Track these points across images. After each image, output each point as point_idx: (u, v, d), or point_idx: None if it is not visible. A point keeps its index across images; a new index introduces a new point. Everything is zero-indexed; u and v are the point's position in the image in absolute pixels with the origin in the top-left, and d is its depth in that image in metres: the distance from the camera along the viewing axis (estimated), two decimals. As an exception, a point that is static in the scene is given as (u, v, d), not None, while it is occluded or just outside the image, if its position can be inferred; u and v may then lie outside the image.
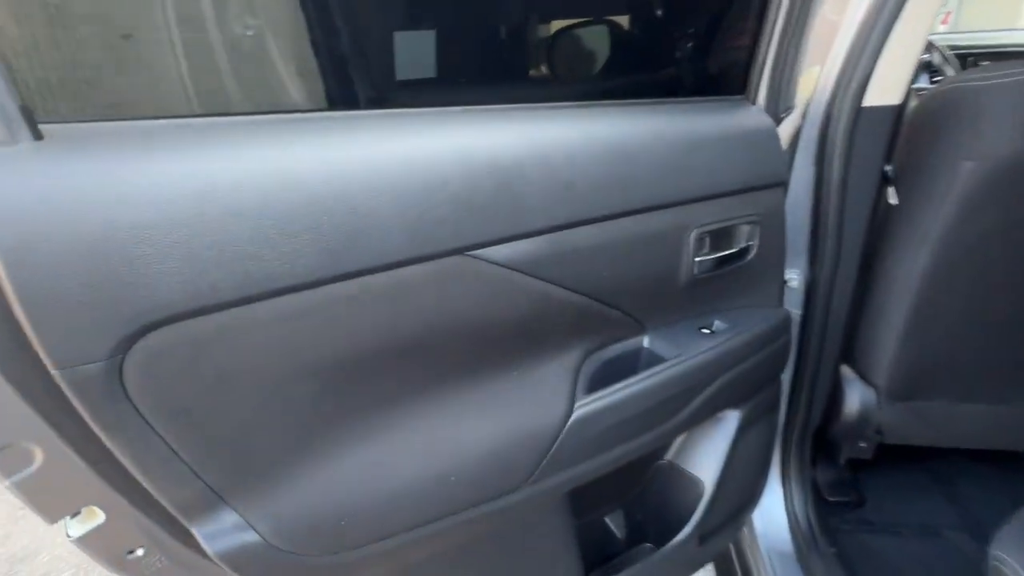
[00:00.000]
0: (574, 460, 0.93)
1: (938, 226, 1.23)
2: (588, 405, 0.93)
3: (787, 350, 1.25)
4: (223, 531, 0.69)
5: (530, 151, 0.81)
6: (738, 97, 1.12)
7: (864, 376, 1.55)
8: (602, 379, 0.98)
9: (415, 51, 0.86)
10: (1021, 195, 1.17)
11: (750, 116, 1.08)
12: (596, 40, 1.06)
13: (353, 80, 0.84)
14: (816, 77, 1.20)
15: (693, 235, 1.00)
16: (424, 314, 0.76)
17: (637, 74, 1.04)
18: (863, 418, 1.56)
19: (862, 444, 1.64)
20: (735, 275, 1.12)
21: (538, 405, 0.90)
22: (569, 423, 0.90)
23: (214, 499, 0.68)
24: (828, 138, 1.20)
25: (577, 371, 0.96)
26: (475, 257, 0.78)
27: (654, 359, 1.05)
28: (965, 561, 1.51)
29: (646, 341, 1.06)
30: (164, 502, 0.66)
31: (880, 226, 1.39)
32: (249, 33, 0.74)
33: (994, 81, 1.12)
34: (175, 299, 0.59)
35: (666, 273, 1.01)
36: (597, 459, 0.95)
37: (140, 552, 0.71)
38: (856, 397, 1.54)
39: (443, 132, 0.78)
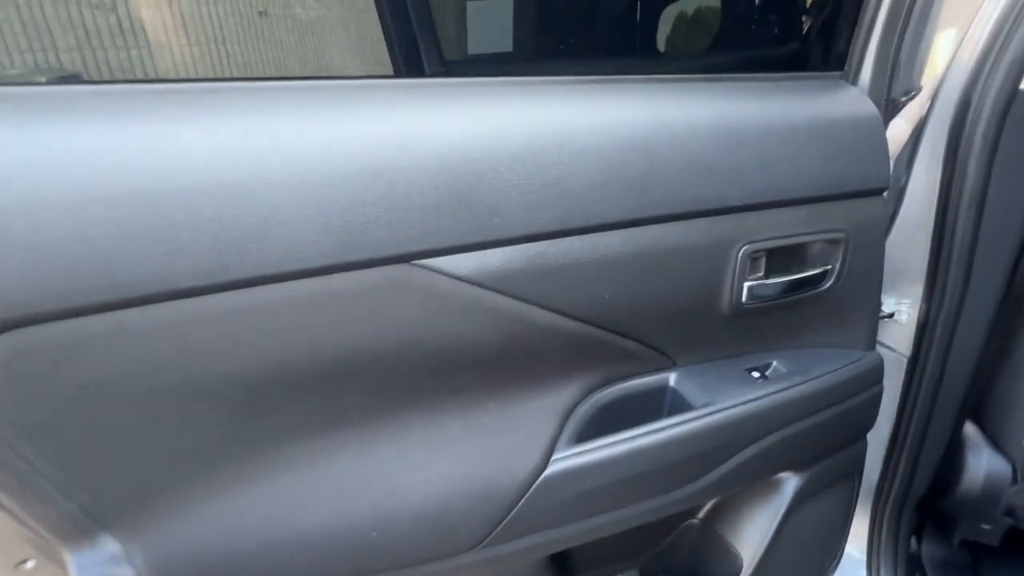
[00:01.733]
0: (545, 524, 0.75)
1: None
2: (571, 458, 0.74)
3: (875, 405, 0.97)
4: (97, 561, 0.60)
5: (502, 136, 0.64)
6: (832, 74, 0.86)
7: (996, 442, 1.20)
8: (605, 424, 0.79)
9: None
10: None
11: (844, 99, 0.82)
12: None
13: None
14: (953, 48, 0.90)
15: (740, 252, 0.77)
16: (354, 332, 0.62)
17: (666, 42, 0.82)
18: (990, 495, 1.21)
19: (985, 526, 1.28)
20: (806, 306, 0.87)
21: (508, 452, 0.73)
22: (541, 478, 0.73)
23: (89, 523, 0.60)
24: (964, 132, 0.89)
25: (567, 413, 0.78)
26: (424, 267, 0.63)
27: (679, 404, 0.83)
28: None
29: (672, 380, 0.85)
30: (33, 522, 0.59)
31: None
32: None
33: None
34: (33, 298, 0.50)
35: (699, 299, 0.79)
36: (577, 525, 0.77)
37: (30, 564, 0.65)
38: (981, 467, 1.20)
39: (379, 108, 0.63)
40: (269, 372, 0.60)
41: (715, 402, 0.82)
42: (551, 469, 0.73)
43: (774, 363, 0.89)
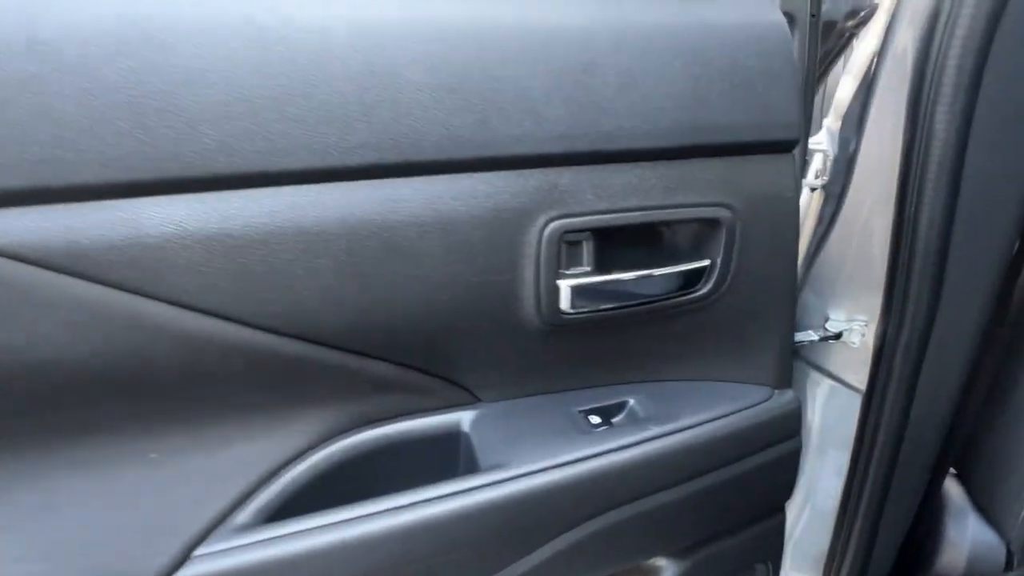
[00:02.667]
0: None
1: None
2: (252, 548, 0.46)
3: (791, 466, 0.67)
4: None
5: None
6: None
7: (985, 511, 0.90)
8: (343, 490, 0.51)
9: None
10: None
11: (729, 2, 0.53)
12: None
13: None
14: None
15: (547, 231, 0.49)
16: None
17: None
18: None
19: None
20: (676, 319, 0.58)
21: (145, 536, 0.46)
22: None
23: None
24: (930, 71, 0.60)
25: (269, 473, 0.50)
26: None
27: (474, 460, 0.55)
28: None
29: (467, 423, 0.57)
30: None
31: None
32: None
33: None
34: None
35: (491, 301, 0.51)
36: None
37: None
38: (965, 542, 0.90)
39: None
40: None
41: (526, 459, 0.53)
42: (197, 565, 0.45)
43: (630, 402, 0.60)
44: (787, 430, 0.63)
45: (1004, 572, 0.88)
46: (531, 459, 0.53)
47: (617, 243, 0.53)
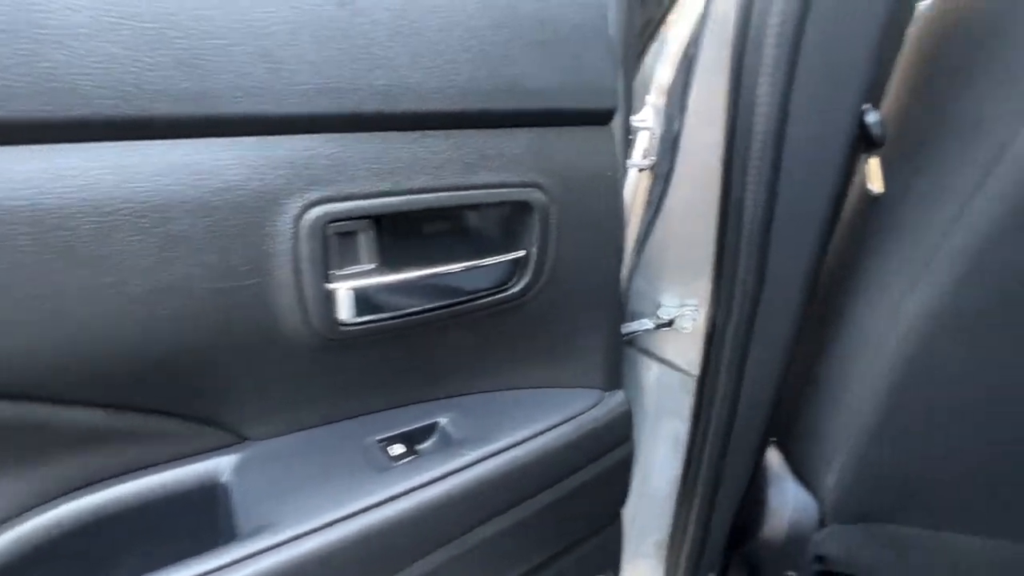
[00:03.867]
0: None
1: (961, 239, 0.59)
2: None
3: (624, 472, 0.62)
4: None
5: None
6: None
7: (801, 476, 0.94)
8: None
9: None
10: None
11: None
12: None
13: None
14: None
15: (307, 218, 0.37)
16: None
17: None
18: (796, 539, 0.95)
19: (791, 574, 1.03)
20: (487, 322, 0.49)
21: None
22: None
23: None
24: (750, 36, 0.56)
25: None
26: None
27: (230, 525, 0.42)
28: None
29: (229, 471, 0.43)
30: None
31: (850, 233, 0.76)
32: None
33: None
34: None
35: (245, 311, 0.38)
36: None
37: None
38: (787, 506, 0.93)
39: None
40: None
41: (304, 514, 0.41)
42: None
43: (440, 423, 0.50)
44: (619, 435, 0.58)
45: (818, 530, 0.92)
46: (311, 513, 0.41)
47: (408, 233, 0.42)
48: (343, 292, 0.40)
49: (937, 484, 0.86)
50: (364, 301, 0.41)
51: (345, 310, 0.40)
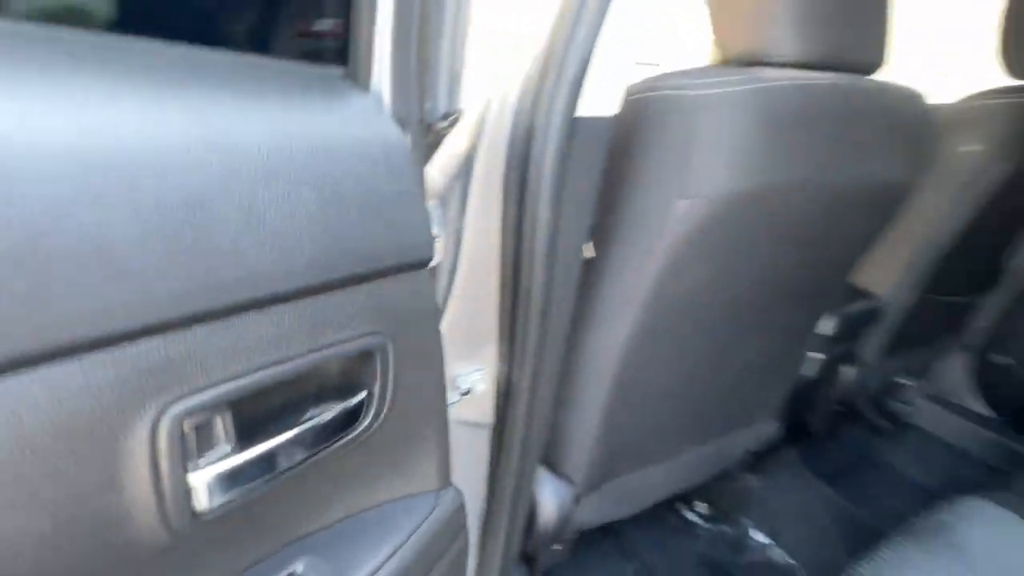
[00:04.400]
0: None
1: (645, 284, 0.86)
2: None
3: (463, 560, 0.69)
4: None
5: None
6: (330, 68, 0.52)
7: (556, 469, 1.14)
8: None
9: None
10: (733, 240, 0.85)
11: (350, 108, 0.49)
12: None
13: None
14: (511, 63, 0.68)
15: (162, 423, 0.36)
16: None
17: None
18: (562, 521, 1.15)
19: (557, 547, 1.23)
20: (334, 462, 0.51)
21: None
22: None
23: None
24: (531, 162, 0.69)
25: None
26: None
27: None
28: None
29: None
30: None
31: (584, 288, 0.97)
32: None
33: (714, 90, 0.74)
34: None
35: (97, 531, 0.35)
36: None
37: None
38: (553, 499, 1.12)
39: None
40: None
41: None
42: None
43: (298, 569, 0.50)
44: (456, 528, 0.64)
45: (576, 505, 1.12)
46: None
47: (259, 402, 0.43)
48: (202, 481, 0.39)
49: (640, 440, 1.15)
50: (223, 481, 0.40)
51: (205, 499, 0.39)
